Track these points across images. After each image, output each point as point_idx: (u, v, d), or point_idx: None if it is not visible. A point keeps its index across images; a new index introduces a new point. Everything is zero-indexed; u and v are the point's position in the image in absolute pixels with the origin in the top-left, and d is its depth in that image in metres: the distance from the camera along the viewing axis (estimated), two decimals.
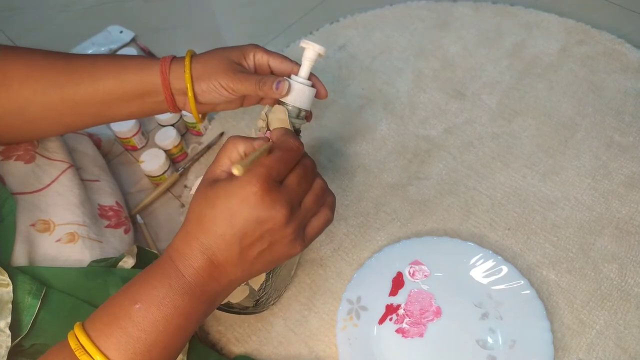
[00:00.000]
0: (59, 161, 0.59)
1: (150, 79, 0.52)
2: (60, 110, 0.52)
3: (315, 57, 0.50)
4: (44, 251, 0.53)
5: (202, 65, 0.52)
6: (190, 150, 0.78)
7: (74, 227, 0.56)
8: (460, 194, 0.69)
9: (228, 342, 0.60)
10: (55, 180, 0.57)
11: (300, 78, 0.50)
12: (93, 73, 0.52)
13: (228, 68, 0.51)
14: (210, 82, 0.51)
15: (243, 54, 0.53)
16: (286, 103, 0.50)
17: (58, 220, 0.55)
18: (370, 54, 0.86)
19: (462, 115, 0.77)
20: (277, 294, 0.59)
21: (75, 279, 0.51)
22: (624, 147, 0.71)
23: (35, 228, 0.53)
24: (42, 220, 0.54)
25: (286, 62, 0.53)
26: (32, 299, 0.47)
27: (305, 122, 0.53)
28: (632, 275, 0.61)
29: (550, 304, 0.60)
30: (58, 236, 0.54)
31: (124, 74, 0.52)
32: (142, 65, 0.52)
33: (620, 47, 0.82)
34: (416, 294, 0.60)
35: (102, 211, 0.63)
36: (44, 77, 0.51)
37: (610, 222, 0.66)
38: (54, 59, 0.52)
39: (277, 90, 0.49)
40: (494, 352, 0.56)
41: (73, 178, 0.59)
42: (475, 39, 0.86)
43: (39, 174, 0.57)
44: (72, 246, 0.55)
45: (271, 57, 0.53)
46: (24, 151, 0.56)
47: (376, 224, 0.67)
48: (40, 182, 0.56)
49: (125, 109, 0.54)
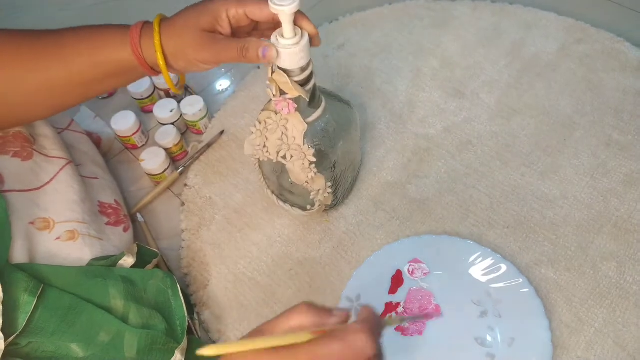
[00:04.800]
0: (57, 158, 0.59)
1: (125, 57, 0.49)
2: (41, 94, 0.50)
3: (293, 13, 0.45)
4: (44, 249, 0.53)
5: (174, 42, 0.47)
6: (190, 149, 0.78)
7: (73, 225, 0.55)
8: (459, 193, 0.69)
9: (228, 341, 0.60)
10: (54, 178, 0.57)
11: (286, 40, 0.47)
12: (61, 56, 0.49)
13: (203, 41, 0.46)
14: (187, 59, 0.47)
15: (215, 18, 0.47)
16: (283, 67, 0.49)
17: (58, 218, 0.55)
18: (369, 53, 0.86)
19: (461, 114, 0.77)
20: None
21: (75, 277, 0.51)
22: (622, 146, 0.72)
23: (34, 226, 0.53)
24: (41, 218, 0.54)
25: (265, 7, 0.46)
26: (29, 297, 0.46)
27: (311, 71, 0.51)
28: (630, 273, 0.61)
29: (549, 302, 0.60)
30: (58, 234, 0.54)
31: (95, 55, 0.49)
32: (113, 41, 0.49)
33: (619, 45, 0.82)
34: (415, 292, 0.60)
35: (102, 208, 0.62)
36: (14, 62, 0.49)
37: (609, 220, 0.66)
38: (20, 41, 0.49)
39: (265, 58, 0.46)
40: (492, 350, 0.56)
41: (72, 175, 0.59)
42: (474, 38, 0.86)
43: (37, 172, 0.56)
44: (72, 244, 0.54)
45: (247, 7, 0.47)
46: (21, 147, 0.56)
47: (375, 223, 0.68)
48: (39, 179, 0.56)
49: (106, 86, 0.52)
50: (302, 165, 0.56)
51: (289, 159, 0.56)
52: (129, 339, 0.50)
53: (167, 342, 0.52)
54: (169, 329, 0.53)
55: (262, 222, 0.69)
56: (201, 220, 0.70)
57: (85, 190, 0.60)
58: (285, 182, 0.63)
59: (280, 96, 0.52)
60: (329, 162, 0.58)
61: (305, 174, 0.56)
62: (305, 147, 0.55)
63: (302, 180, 0.57)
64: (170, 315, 0.55)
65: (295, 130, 0.54)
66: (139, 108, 0.82)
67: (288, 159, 0.56)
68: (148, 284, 0.55)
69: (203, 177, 0.74)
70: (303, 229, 0.68)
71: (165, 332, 0.52)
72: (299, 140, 0.55)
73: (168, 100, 0.77)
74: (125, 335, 0.50)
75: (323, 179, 0.58)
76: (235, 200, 0.71)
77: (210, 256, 0.67)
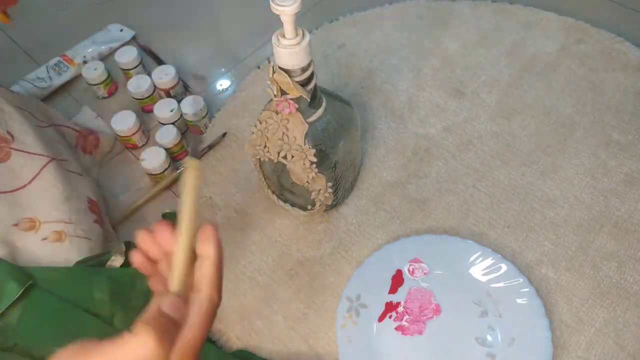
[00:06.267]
0: (38, 155, 0.57)
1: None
2: None
3: (294, 13, 0.45)
4: (28, 251, 0.51)
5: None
6: (190, 149, 0.78)
7: (60, 226, 0.54)
8: (460, 192, 0.69)
9: (228, 340, 0.61)
10: (37, 176, 0.55)
11: (287, 40, 0.47)
12: None
13: None
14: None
15: None
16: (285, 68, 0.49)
17: (43, 217, 0.54)
18: (369, 53, 0.86)
19: (461, 113, 0.77)
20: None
21: (60, 279, 0.50)
22: (623, 146, 0.72)
23: (19, 227, 0.52)
24: (26, 218, 0.53)
25: None
26: (16, 285, 0.46)
27: (312, 72, 0.50)
28: (631, 273, 0.61)
29: (549, 301, 0.60)
30: (44, 234, 0.53)
31: None
32: None
33: (620, 45, 0.82)
34: (415, 291, 0.60)
35: (91, 204, 0.61)
36: None
37: (609, 220, 0.66)
38: None
39: None
40: (493, 350, 0.56)
41: (55, 172, 0.57)
42: (474, 38, 0.86)
43: (17, 171, 0.54)
44: (59, 245, 0.53)
45: None
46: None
47: (376, 222, 0.68)
48: (20, 179, 0.54)
49: None
50: (303, 165, 0.56)
51: (289, 159, 0.56)
52: None
53: None
54: None
55: (262, 221, 0.69)
56: (201, 220, 0.70)
57: (70, 188, 0.58)
58: (285, 182, 0.63)
59: (281, 96, 0.52)
60: (330, 162, 0.58)
61: (306, 174, 0.56)
62: (306, 147, 0.55)
63: (302, 180, 0.57)
64: None
65: (296, 130, 0.54)
66: (140, 108, 0.82)
67: (289, 159, 0.56)
68: (136, 282, 0.55)
69: (203, 176, 0.74)
70: (303, 228, 0.68)
71: None
72: (299, 140, 0.55)
73: (168, 100, 0.77)
74: None
75: (324, 178, 0.58)
76: (235, 200, 0.71)
77: None
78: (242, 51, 0.90)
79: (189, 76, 0.86)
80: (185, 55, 0.90)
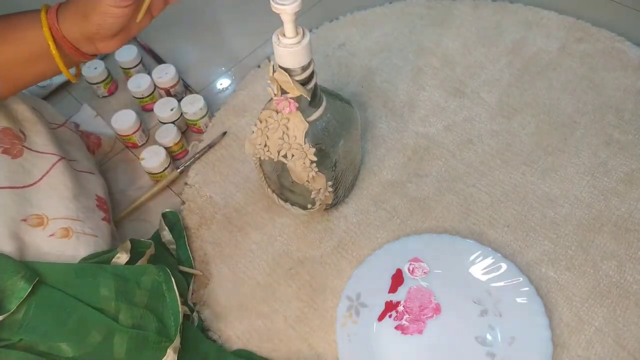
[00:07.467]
0: (49, 154, 0.58)
1: (41, 37, 0.49)
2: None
3: (295, 12, 0.45)
4: (36, 247, 0.52)
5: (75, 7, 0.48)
6: (190, 148, 0.78)
7: (67, 222, 0.55)
8: (460, 192, 0.69)
9: (228, 340, 0.61)
10: (46, 174, 0.56)
11: (288, 39, 0.48)
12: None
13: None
14: (96, 10, 0.46)
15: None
16: (285, 67, 0.49)
17: (52, 214, 0.54)
18: (369, 52, 0.86)
19: (461, 113, 0.77)
20: None
21: (66, 275, 0.51)
22: (623, 145, 0.72)
23: (27, 223, 0.52)
24: (34, 215, 0.53)
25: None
26: (25, 283, 0.47)
27: (312, 70, 0.51)
28: (631, 272, 0.61)
29: (549, 301, 0.60)
30: (52, 231, 0.54)
31: (10, 34, 0.49)
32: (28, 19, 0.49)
33: (620, 44, 0.82)
34: (415, 291, 0.60)
35: (99, 202, 0.62)
36: None
37: (609, 219, 0.66)
38: None
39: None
40: (493, 349, 0.56)
41: (65, 171, 0.58)
42: (474, 37, 0.86)
43: (28, 168, 0.55)
44: (66, 242, 0.54)
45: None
46: (10, 145, 0.55)
47: (376, 222, 0.68)
48: (30, 176, 0.55)
49: (31, 72, 0.52)
50: (303, 164, 0.56)
51: (290, 158, 0.56)
52: (118, 339, 0.50)
53: (159, 340, 0.52)
54: (161, 327, 0.53)
55: (262, 221, 0.69)
56: (201, 219, 0.70)
57: (79, 186, 0.59)
58: (285, 181, 0.63)
59: (282, 95, 0.52)
60: (330, 161, 0.58)
61: (306, 173, 0.56)
62: (306, 146, 0.55)
63: (303, 179, 0.57)
64: (164, 309, 0.55)
65: (296, 129, 0.54)
66: (140, 107, 0.82)
67: (289, 158, 0.56)
68: (141, 279, 0.55)
69: (203, 176, 0.74)
70: (303, 228, 0.68)
71: (157, 331, 0.52)
72: (300, 139, 0.55)
73: (168, 99, 0.77)
74: (115, 335, 0.50)
75: (324, 178, 0.58)
76: (235, 199, 0.71)
77: (210, 255, 0.67)
78: (242, 50, 0.90)
79: (189, 75, 0.86)
80: (185, 54, 0.90)
